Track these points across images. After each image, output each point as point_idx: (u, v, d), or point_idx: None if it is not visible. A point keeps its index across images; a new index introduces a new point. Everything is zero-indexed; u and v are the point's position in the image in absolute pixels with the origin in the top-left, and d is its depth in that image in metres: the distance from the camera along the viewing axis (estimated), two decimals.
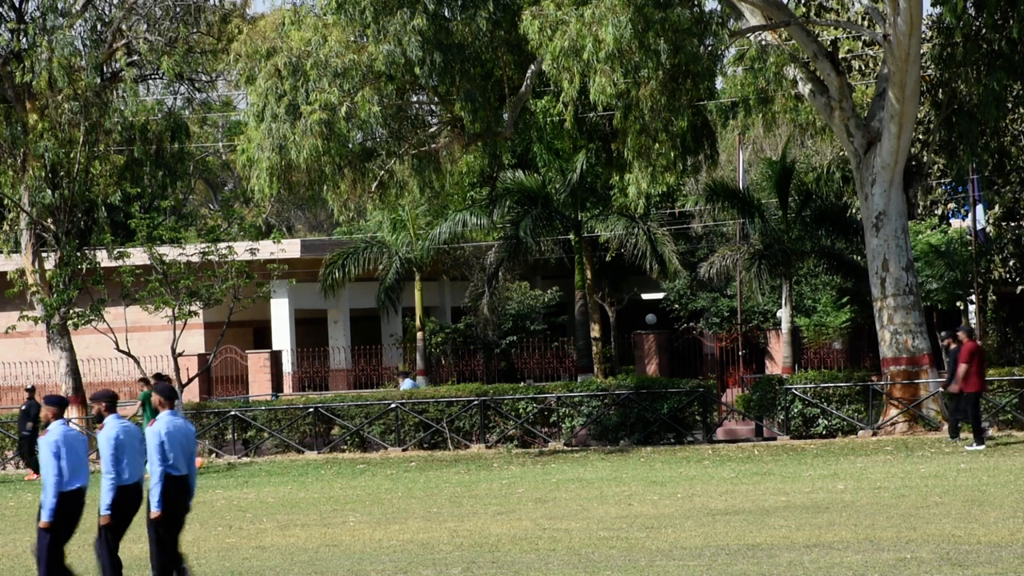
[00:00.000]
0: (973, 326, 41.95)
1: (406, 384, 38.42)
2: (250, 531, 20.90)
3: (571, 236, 45.08)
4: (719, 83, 36.20)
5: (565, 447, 33.57)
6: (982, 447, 28.69)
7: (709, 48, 31.29)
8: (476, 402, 34.23)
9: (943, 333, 31.45)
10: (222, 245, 38.73)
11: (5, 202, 38.80)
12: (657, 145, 31.87)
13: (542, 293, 49.74)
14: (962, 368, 28.70)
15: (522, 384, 39.25)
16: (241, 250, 39.76)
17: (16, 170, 36.73)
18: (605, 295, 49.95)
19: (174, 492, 14.49)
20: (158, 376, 34.07)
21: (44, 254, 37.70)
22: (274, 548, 18.77)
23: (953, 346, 29.37)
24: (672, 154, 32.30)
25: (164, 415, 14.61)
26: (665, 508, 21.40)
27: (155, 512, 14.47)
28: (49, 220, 36.92)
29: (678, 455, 30.95)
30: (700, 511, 20.70)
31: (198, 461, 33.64)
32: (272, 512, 23.56)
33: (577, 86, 30.07)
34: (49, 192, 36.31)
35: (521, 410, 34.33)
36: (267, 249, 42.51)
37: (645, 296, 52.05)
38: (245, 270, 38.47)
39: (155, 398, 14.82)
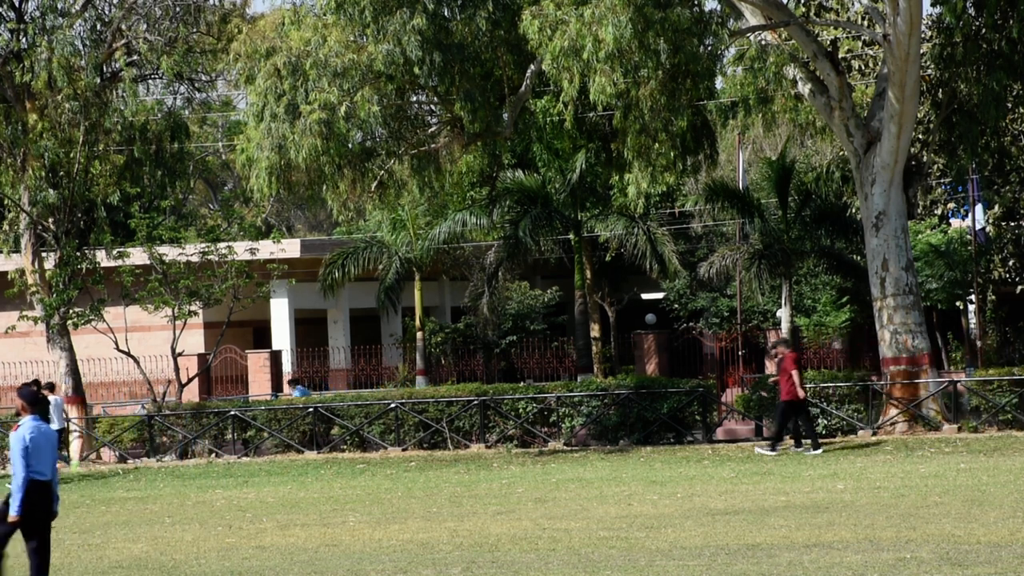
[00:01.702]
0: (973, 326, 41.98)
1: (296, 392, 38.18)
2: (250, 531, 20.89)
3: (571, 236, 45.08)
4: (719, 83, 36.22)
5: (565, 447, 33.56)
6: (774, 453, 29.84)
7: (709, 48, 31.27)
8: (476, 402, 34.23)
9: (770, 345, 32.40)
10: (222, 245, 38.77)
11: (5, 202, 38.80)
12: (657, 145, 31.86)
13: (542, 293, 49.74)
14: (796, 375, 29.90)
15: (522, 384, 39.22)
16: (241, 250, 39.79)
17: (16, 170, 36.73)
18: (605, 295, 49.95)
19: (38, 497, 14.39)
20: (50, 386, 34.13)
21: (44, 254, 37.70)
22: (274, 548, 18.77)
23: (778, 358, 30.68)
24: (672, 154, 32.29)
25: (28, 420, 14.49)
26: (665, 508, 21.40)
27: (14, 516, 14.35)
28: (49, 220, 36.92)
29: (678, 455, 30.95)
30: (700, 511, 20.70)
31: (61, 466, 33.78)
32: (272, 512, 23.56)
33: (577, 86, 30.06)
34: (49, 192, 36.30)
35: (521, 410, 34.32)
36: (267, 249, 42.53)
37: (645, 296, 52.06)
38: (245, 270, 38.49)
39: (19, 403, 14.68)
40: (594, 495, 23.83)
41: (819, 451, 29.85)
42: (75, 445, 36.98)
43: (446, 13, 32.03)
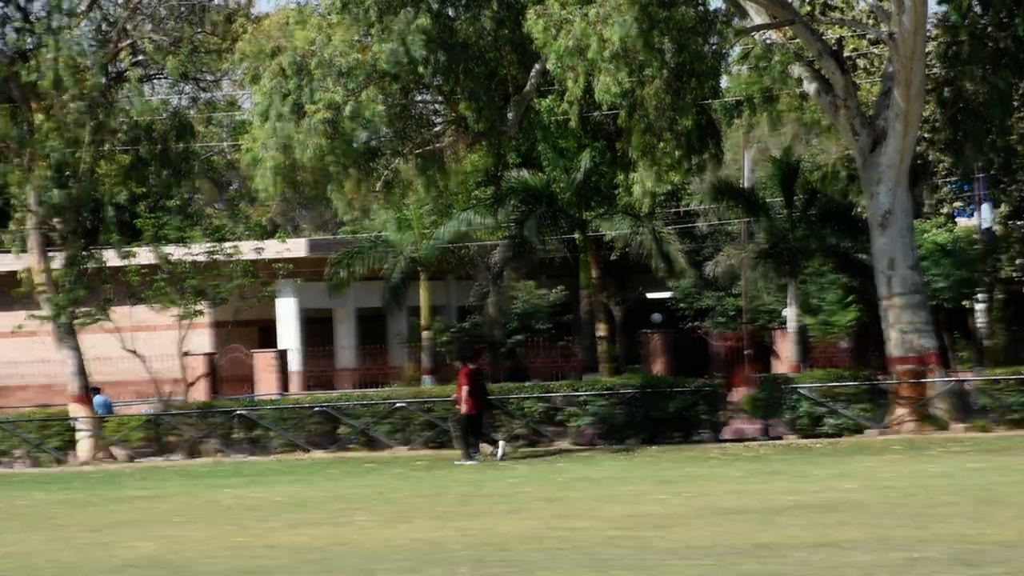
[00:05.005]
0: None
1: (96, 401, 37.61)
2: (259, 530, 20.89)
3: (576, 235, 45.09)
4: (724, 82, 36.22)
5: (572, 446, 33.56)
6: (472, 462, 30.98)
7: (714, 47, 31.31)
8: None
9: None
10: (228, 244, 38.83)
11: (12, 202, 38.81)
12: (662, 144, 31.90)
13: (548, 292, 49.76)
14: (465, 389, 31.45)
15: (528, 383, 39.25)
16: (247, 249, 39.83)
17: (23, 170, 36.75)
18: (611, 294, 49.96)
19: None
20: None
21: (51, 254, 37.73)
22: (284, 547, 18.77)
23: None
24: (677, 153, 32.33)
25: None
26: (673, 507, 21.39)
27: None
28: (56, 220, 36.94)
29: (685, 454, 30.95)
30: (708, 510, 20.69)
31: None
32: (281, 511, 23.56)
33: (582, 85, 30.07)
34: (56, 192, 36.32)
35: (528, 409, 34.34)
36: (273, 248, 42.58)
37: (651, 295, 52.06)
38: (251, 269, 38.55)
39: None
40: (602, 494, 23.82)
41: (471, 463, 30.92)
42: (84, 444, 37.01)
43: (450, 12, 32.05)
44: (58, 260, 37.45)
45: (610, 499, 23.02)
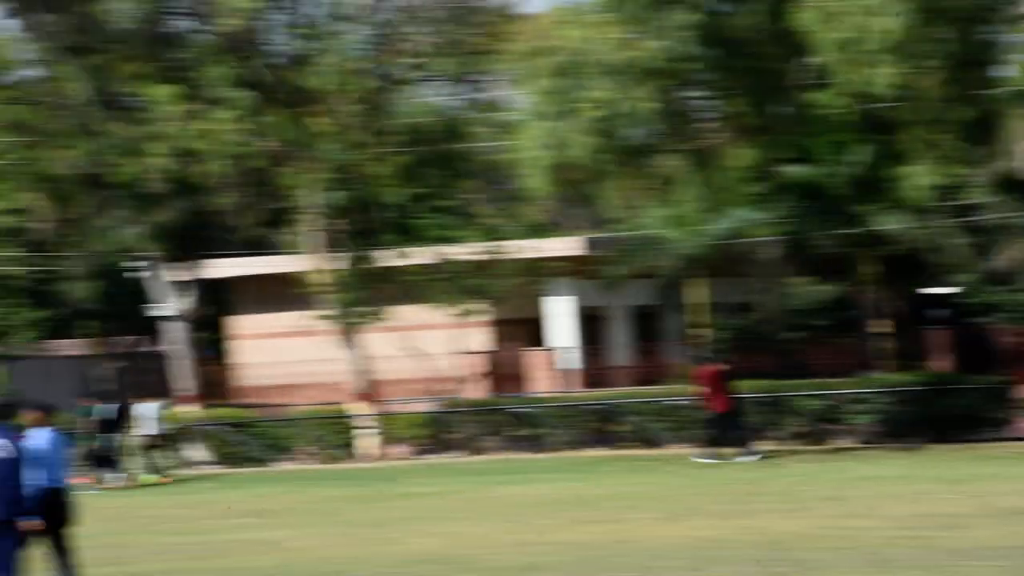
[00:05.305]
0: None
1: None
2: (540, 526, 21.04)
3: (854, 230, 44.32)
4: (1007, 70, 35.25)
5: (854, 444, 33.02)
6: (750, 458, 30.91)
7: (995, 35, 30.51)
8: (762, 399, 33.91)
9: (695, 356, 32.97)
10: (504, 243, 39.21)
11: (295, 203, 39.79)
12: (942, 136, 31.22)
13: (826, 288, 49.04)
14: (709, 391, 31.49)
15: (809, 380, 38.72)
16: (522, 248, 40.15)
17: (305, 172, 37.66)
18: (891, 290, 48.97)
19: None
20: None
21: (333, 254, 38.55)
22: (565, 543, 18.86)
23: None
24: (958, 144, 31.61)
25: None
26: (961, 507, 20.85)
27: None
28: (338, 220, 37.74)
29: (972, 453, 30.17)
30: (998, 510, 20.11)
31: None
32: (560, 508, 23.70)
33: (858, 77, 29.59)
34: (337, 193, 37.14)
35: (808, 407, 33.91)
36: (548, 247, 42.86)
37: (934, 290, 50.90)
38: (527, 268, 38.86)
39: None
40: (886, 493, 23.37)
41: (746, 459, 30.66)
42: (366, 441, 37.73)
43: (721, 8, 31.87)
44: (339, 260, 38.25)
45: (894, 498, 22.56)
